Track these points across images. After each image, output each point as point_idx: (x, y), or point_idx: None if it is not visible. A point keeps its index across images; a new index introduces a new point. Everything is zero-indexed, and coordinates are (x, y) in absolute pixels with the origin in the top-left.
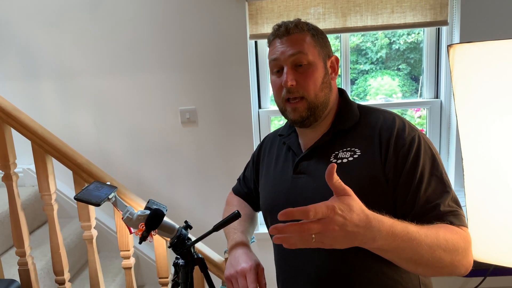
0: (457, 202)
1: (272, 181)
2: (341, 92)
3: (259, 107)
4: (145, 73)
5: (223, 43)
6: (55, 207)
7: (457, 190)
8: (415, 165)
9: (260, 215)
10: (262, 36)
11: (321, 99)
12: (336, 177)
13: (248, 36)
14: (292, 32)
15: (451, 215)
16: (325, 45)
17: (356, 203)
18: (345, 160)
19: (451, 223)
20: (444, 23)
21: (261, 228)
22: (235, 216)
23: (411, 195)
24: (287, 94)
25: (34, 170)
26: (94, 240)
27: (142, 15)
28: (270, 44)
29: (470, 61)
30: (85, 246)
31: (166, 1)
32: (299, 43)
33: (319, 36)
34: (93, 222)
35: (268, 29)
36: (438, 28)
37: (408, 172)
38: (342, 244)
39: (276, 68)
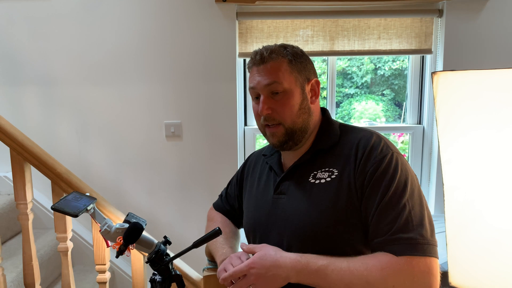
0: (420, 225)
1: (255, 201)
2: (324, 111)
3: (245, 124)
4: (131, 85)
5: (212, 59)
6: (31, 216)
7: (437, 216)
8: (378, 182)
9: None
10: (250, 55)
11: (299, 125)
12: (245, 248)
13: (237, 54)
14: (267, 61)
15: (396, 243)
16: (304, 69)
17: (267, 252)
18: (323, 181)
19: (394, 252)
20: (428, 51)
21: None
22: (215, 233)
23: (374, 210)
24: (264, 121)
25: (11, 178)
26: (69, 253)
27: (131, 27)
28: (249, 70)
29: (453, 88)
30: (59, 259)
31: (156, 14)
32: (274, 72)
33: (297, 60)
34: (69, 234)
35: (257, 48)
36: (423, 56)
37: (371, 188)
38: (272, 286)
39: (255, 95)
